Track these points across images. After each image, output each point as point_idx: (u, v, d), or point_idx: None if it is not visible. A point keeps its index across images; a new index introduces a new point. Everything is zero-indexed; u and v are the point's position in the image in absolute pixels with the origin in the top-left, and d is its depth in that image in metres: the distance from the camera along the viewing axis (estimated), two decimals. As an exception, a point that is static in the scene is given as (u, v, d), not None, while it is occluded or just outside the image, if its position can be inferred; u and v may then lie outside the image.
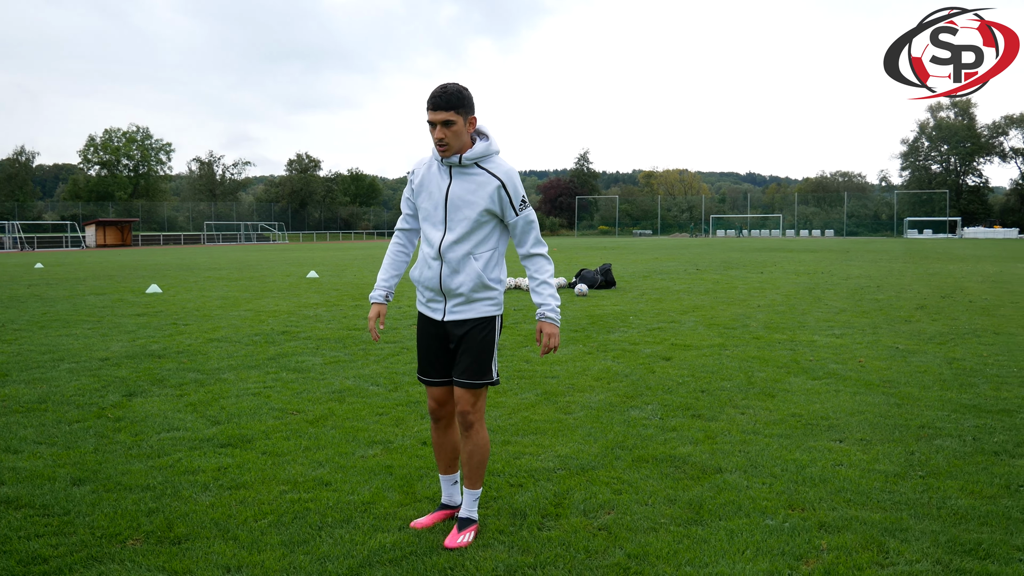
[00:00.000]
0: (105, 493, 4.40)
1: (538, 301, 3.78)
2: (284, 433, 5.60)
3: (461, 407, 3.83)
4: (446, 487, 4.13)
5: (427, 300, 3.86)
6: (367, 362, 8.33)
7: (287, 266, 27.94)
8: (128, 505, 4.22)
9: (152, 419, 5.98)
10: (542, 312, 3.76)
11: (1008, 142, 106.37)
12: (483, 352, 3.80)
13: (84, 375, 7.61)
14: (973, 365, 8.01)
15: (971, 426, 5.72)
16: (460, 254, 3.69)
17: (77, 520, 4.02)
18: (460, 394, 3.83)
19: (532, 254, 3.81)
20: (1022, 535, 3.79)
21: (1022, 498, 4.28)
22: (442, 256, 3.70)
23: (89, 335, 10.28)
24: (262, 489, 4.48)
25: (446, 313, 3.80)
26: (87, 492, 4.42)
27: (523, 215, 3.74)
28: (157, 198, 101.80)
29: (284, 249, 54.23)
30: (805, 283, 18.75)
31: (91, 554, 3.62)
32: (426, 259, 3.78)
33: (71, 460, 4.98)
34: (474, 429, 3.85)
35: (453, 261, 3.69)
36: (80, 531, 3.88)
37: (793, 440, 5.41)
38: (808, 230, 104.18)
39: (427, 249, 3.78)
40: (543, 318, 3.75)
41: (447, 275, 3.71)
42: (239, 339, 9.94)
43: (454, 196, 3.68)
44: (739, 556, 3.58)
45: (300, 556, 3.60)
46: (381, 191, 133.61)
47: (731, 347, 9.23)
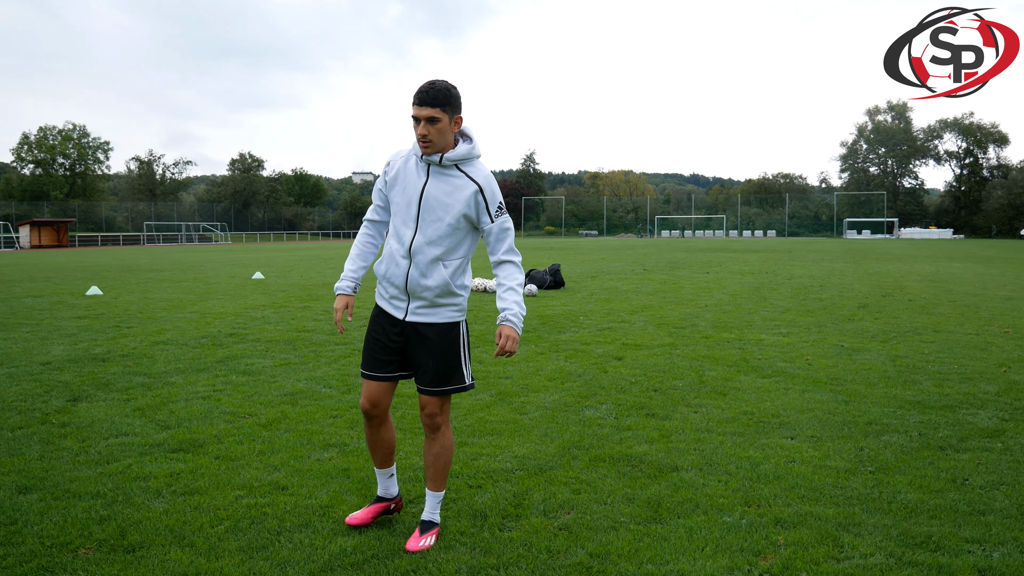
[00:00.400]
0: (53, 501, 4.29)
1: (502, 306, 3.71)
2: (237, 437, 5.52)
3: (428, 410, 3.80)
4: (382, 480, 4.08)
5: (390, 296, 3.79)
6: (318, 364, 8.25)
7: (231, 267, 27.53)
8: (78, 513, 4.12)
9: (99, 424, 5.85)
10: (504, 316, 3.68)
11: (943, 145, 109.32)
12: (451, 357, 3.77)
13: (25, 380, 7.41)
14: (915, 362, 8.20)
15: (916, 422, 5.85)
16: (430, 257, 3.64)
17: (25, 529, 3.91)
18: (428, 400, 3.79)
19: (504, 260, 3.73)
20: (970, 527, 3.89)
21: (968, 492, 4.40)
22: (411, 256, 3.65)
23: (28, 339, 10.01)
24: (217, 495, 4.40)
25: (408, 313, 3.75)
26: (34, 500, 4.30)
27: (499, 221, 3.68)
28: (94, 198, 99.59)
29: (227, 250, 53.43)
30: (750, 283, 19.03)
31: (41, 564, 3.53)
32: (394, 255, 3.71)
33: (15, 468, 4.84)
34: (440, 431, 3.83)
35: (422, 263, 3.65)
36: (28, 540, 3.78)
37: (746, 438, 5.48)
38: (751, 230, 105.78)
39: (396, 246, 3.71)
40: (504, 321, 3.68)
41: (415, 276, 3.66)
42: (185, 342, 9.77)
43: (429, 196, 3.62)
44: (699, 553, 3.62)
45: (259, 562, 3.55)
46: (326, 191, 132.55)
47: (681, 346, 9.33)
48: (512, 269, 3.74)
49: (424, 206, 3.63)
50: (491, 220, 3.67)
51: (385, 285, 3.80)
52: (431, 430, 3.83)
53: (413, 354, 3.80)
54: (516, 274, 3.74)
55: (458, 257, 3.71)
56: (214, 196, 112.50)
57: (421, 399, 3.82)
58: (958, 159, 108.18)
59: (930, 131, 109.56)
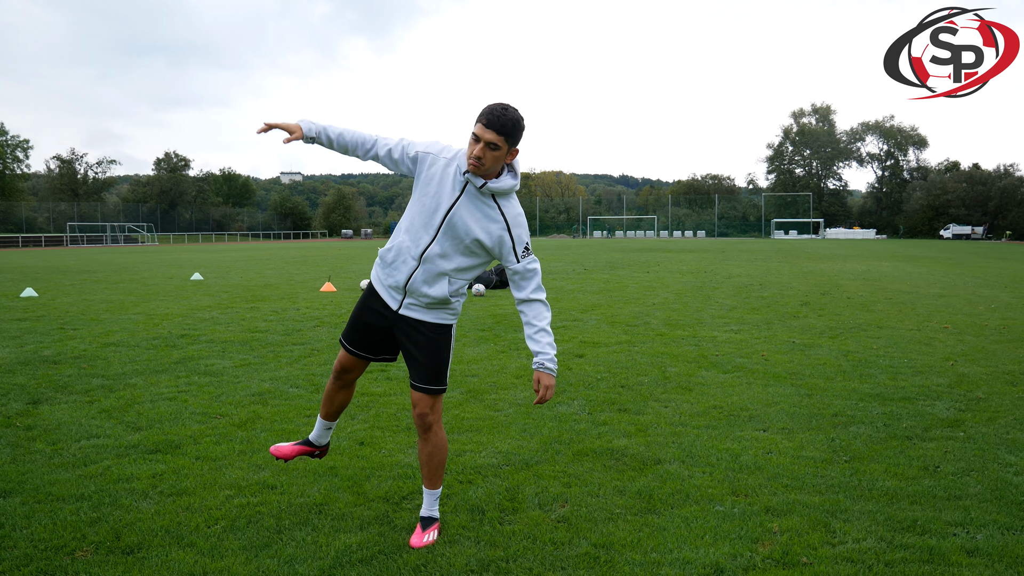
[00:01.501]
0: (36, 504, 4.19)
1: (536, 349, 3.60)
2: (213, 437, 5.45)
3: (420, 410, 3.77)
4: (320, 429, 4.19)
5: (387, 286, 3.72)
6: (279, 364, 8.16)
7: (166, 268, 26.95)
8: (66, 516, 4.03)
9: (67, 427, 5.71)
10: (540, 362, 3.57)
11: (865, 147, 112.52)
12: (441, 358, 3.77)
13: (-23, 383, 7.19)
14: (866, 357, 8.47)
15: (879, 413, 6.06)
16: (439, 269, 3.58)
17: (14, 533, 3.82)
18: (419, 398, 3.78)
19: (531, 299, 3.63)
20: (951, 511, 4.07)
21: (941, 478, 4.59)
22: (421, 261, 3.59)
23: (-30, 341, 9.69)
24: (206, 495, 4.35)
25: (402, 307, 3.71)
26: (17, 504, 4.19)
27: (524, 262, 3.58)
28: (14, 198, 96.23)
29: (156, 251, 52.26)
30: (691, 282, 19.35)
31: (40, 568, 3.45)
32: (404, 253, 3.63)
33: (-11, 471, 4.71)
34: (432, 431, 3.81)
35: (429, 272, 3.58)
36: (20, 544, 3.69)
37: (720, 431, 5.61)
38: (681, 231, 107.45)
39: (409, 244, 3.62)
40: (542, 368, 3.57)
41: (418, 280, 3.61)
42: (137, 343, 9.56)
43: (456, 215, 3.52)
44: (699, 541, 3.71)
45: (265, 560, 3.53)
46: (255, 192, 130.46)
47: (638, 343, 9.47)
48: (541, 308, 3.64)
49: (448, 222, 3.53)
50: (517, 260, 3.58)
51: (387, 272, 3.71)
52: (423, 430, 3.80)
53: (403, 345, 3.80)
54: (545, 313, 3.65)
55: (466, 277, 3.69)
56: (139, 196, 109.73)
57: (413, 397, 3.79)
58: (880, 161, 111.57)
59: (853, 134, 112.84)
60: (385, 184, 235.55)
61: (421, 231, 3.59)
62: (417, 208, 3.63)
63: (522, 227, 3.58)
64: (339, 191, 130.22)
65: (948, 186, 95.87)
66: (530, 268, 3.61)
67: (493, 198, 3.54)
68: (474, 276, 3.77)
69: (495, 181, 3.50)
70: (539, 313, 3.63)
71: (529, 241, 3.60)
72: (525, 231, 3.59)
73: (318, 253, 43.18)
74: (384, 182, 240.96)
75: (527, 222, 3.63)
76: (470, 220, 3.52)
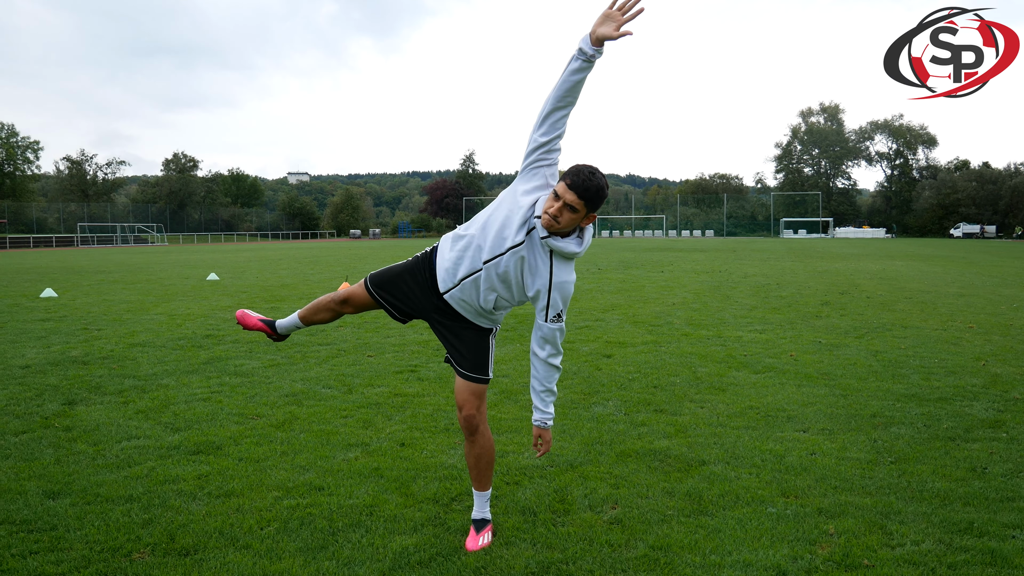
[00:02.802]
0: (86, 506, 4.19)
1: (541, 408, 3.65)
2: (253, 439, 5.44)
3: (467, 411, 3.73)
4: (290, 323, 4.28)
5: (446, 267, 3.65)
6: (308, 365, 8.16)
7: (181, 268, 27.00)
8: (118, 517, 4.03)
9: (105, 428, 5.71)
10: (543, 421, 3.65)
11: (874, 146, 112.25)
12: (481, 352, 3.76)
13: (10, 383, 7.20)
14: (896, 357, 8.43)
15: (917, 414, 6.03)
16: (491, 286, 3.55)
17: (68, 535, 3.82)
18: (465, 399, 3.74)
19: (546, 361, 3.62)
20: (1006, 513, 4.04)
21: (991, 479, 4.56)
22: (484, 268, 3.54)
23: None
24: (254, 496, 4.35)
25: (449, 294, 3.67)
26: (67, 505, 4.20)
27: (550, 326, 3.55)
28: (24, 198, 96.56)
29: (167, 251, 52.37)
30: (708, 281, 19.31)
31: (99, 570, 3.45)
32: (472, 248, 3.56)
33: (35, 472, 4.72)
34: (479, 432, 3.78)
35: (485, 283, 3.55)
36: (77, 546, 3.69)
37: (760, 432, 5.59)
38: (689, 230, 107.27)
39: (480, 244, 3.54)
40: (544, 426, 3.66)
41: (472, 283, 3.58)
42: (162, 344, 9.58)
43: (518, 257, 3.48)
44: (757, 543, 3.70)
45: (324, 562, 3.52)
46: (263, 192, 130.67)
47: (665, 344, 9.45)
48: (552, 372, 3.63)
49: (509, 256, 3.48)
50: (545, 320, 3.54)
51: (453, 256, 3.63)
52: (470, 432, 3.77)
53: (442, 331, 3.79)
54: (554, 375, 3.65)
55: (511, 304, 3.68)
56: (148, 197, 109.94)
57: (458, 399, 3.75)
58: (889, 160, 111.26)
59: (862, 133, 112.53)
60: (392, 184, 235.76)
61: (496, 241, 3.50)
62: (502, 215, 3.51)
63: (563, 295, 3.51)
64: (347, 191, 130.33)
65: (958, 185, 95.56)
66: (554, 333, 3.57)
67: (550, 255, 3.47)
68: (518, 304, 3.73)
69: (558, 240, 3.42)
70: (549, 375, 3.63)
71: (564, 310, 3.55)
72: (563, 300, 3.53)
73: (328, 253, 43.21)
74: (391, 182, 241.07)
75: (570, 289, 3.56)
76: (526, 266, 3.49)
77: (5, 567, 3.48)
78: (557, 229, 3.38)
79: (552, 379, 3.65)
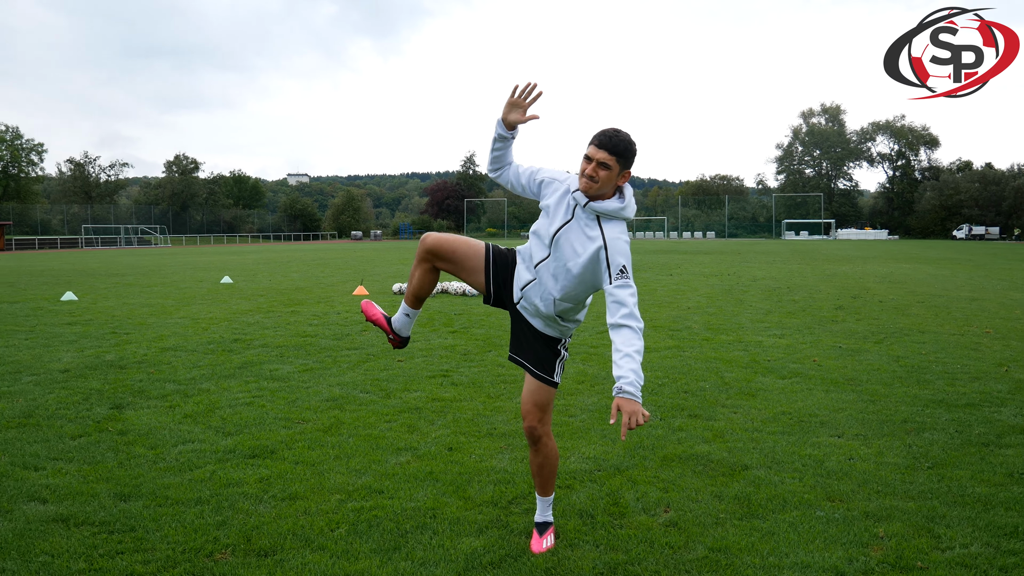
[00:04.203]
0: (158, 508, 4.35)
1: (617, 374, 3.34)
2: (304, 443, 5.60)
3: (529, 422, 3.83)
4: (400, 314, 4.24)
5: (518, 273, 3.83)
6: (341, 370, 8.32)
7: (192, 271, 27.16)
8: (192, 519, 4.19)
9: (158, 432, 5.87)
10: (619, 386, 3.29)
11: (875, 147, 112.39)
12: (547, 358, 3.85)
13: (54, 388, 7.36)
14: (918, 362, 8.59)
15: (948, 420, 6.19)
16: (546, 289, 3.68)
17: (149, 536, 3.98)
18: (529, 400, 3.84)
19: (619, 324, 3.44)
20: (1047, 517, 4.20)
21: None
22: (538, 273, 3.71)
23: (31, 346, 9.87)
24: (318, 499, 4.51)
25: (519, 304, 3.84)
26: (140, 508, 4.35)
27: (617, 284, 3.47)
28: (29, 200, 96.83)
29: (172, 253, 52.56)
30: (719, 285, 19.47)
31: (186, 570, 3.61)
32: (526, 258, 3.79)
33: (101, 476, 4.87)
34: (543, 442, 3.88)
35: (541, 288, 3.69)
36: (159, 547, 3.85)
37: (796, 437, 5.75)
38: (690, 232, 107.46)
39: (531, 253, 3.76)
40: (620, 392, 3.29)
41: (532, 291, 3.73)
42: (193, 348, 9.73)
43: (563, 236, 3.60)
44: (811, 546, 3.86)
45: (399, 562, 3.68)
46: (264, 194, 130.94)
47: (687, 349, 9.60)
48: (629, 334, 3.41)
49: (556, 242, 3.61)
50: (610, 281, 3.49)
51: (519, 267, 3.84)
52: (533, 442, 3.88)
53: (517, 328, 3.92)
54: (634, 340, 3.40)
55: (575, 301, 3.74)
56: (151, 198, 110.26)
57: (523, 408, 3.86)
58: (890, 161, 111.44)
59: (863, 134, 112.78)
60: (391, 185, 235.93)
61: (540, 245, 3.71)
62: (536, 226, 3.76)
63: (620, 252, 3.51)
64: (348, 192, 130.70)
65: (960, 186, 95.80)
66: (622, 292, 3.47)
67: (597, 219, 3.58)
68: (585, 301, 3.81)
69: (600, 203, 3.55)
70: (626, 339, 3.40)
71: (627, 265, 3.50)
72: (623, 255, 3.51)
73: (334, 255, 43.39)
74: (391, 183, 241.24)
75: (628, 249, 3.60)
76: (575, 244, 3.56)
77: (96, 566, 3.64)
78: (596, 190, 3.51)
79: (629, 342, 3.39)
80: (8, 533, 4.01)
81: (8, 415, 6.36)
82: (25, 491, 4.61)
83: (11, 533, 4.01)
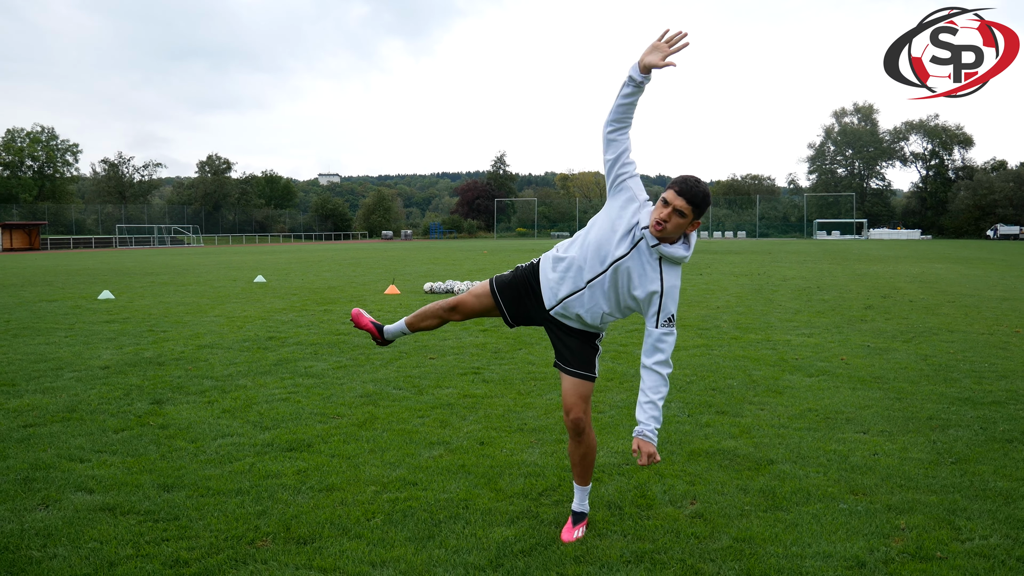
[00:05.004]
0: (200, 498, 4.53)
1: (641, 419, 3.69)
2: (340, 437, 5.77)
3: (574, 415, 3.96)
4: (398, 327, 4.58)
5: (550, 286, 3.90)
6: (374, 367, 8.49)
7: (225, 270, 27.56)
8: (233, 508, 4.36)
9: (198, 426, 6.06)
10: (641, 430, 3.67)
11: (908, 147, 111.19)
12: (588, 354, 3.98)
13: (95, 384, 7.59)
14: (946, 361, 8.62)
15: (973, 417, 6.24)
16: (594, 303, 3.77)
17: (192, 525, 4.15)
18: (573, 393, 3.95)
19: (652, 369, 3.71)
20: (1069, 512, 4.26)
21: (1051, 480, 4.78)
22: (590, 288, 3.77)
23: (71, 343, 10.14)
24: (354, 490, 4.66)
25: (554, 311, 3.92)
26: (183, 498, 4.53)
27: (662, 330, 3.68)
28: (64, 200, 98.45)
29: (205, 253, 53.21)
30: (748, 284, 19.49)
31: (230, 556, 3.77)
32: (574, 269, 3.81)
33: (145, 467, 5.06)
34: (585, 433, 4.02)
35: (590, 301, 3.77)
36: (203, 535, 4.02)
37: (822, 433, 5.83)
38: (721, 231, 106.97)
39: (581, 264, 3.79)
40: (642, 436, 3.67)
41: (575, 302, 3.81)
42: (229, 345, 9.96)
43: (623, 267, 3.67)
44: (834, 537, 3.95)
45: (434, 550, 3.82)
46: (296, 194, 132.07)
47: (716, 347, 9.68)
48: (659, 382, 3.71)
49: (615, 270, 3.69)
50: (656, 326, 3.69)
51: (555, 276, 3.88)
52: (576, 433, 4.01)
53: (551, 335, 4.03)
54: (662, 388, 3.72)
55: (621, 317, 3.90)
56: (184, 198, 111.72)
57: (566, 403, 3.98)
58: (924, 160, 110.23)
59: (896, 133, 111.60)
60: (422, 185, 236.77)
61: (595, 261, 3.74)
62: (596, 235, 3.77)
63: (673, 300, 3.68)
64: (379, 192, 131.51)
65: (995, 185, 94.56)
66: (665, 339, 3.69)
67: (659, 261, 3.67)
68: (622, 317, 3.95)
69: (668, 247, 3.63)
70: (655, 386, 3.71)
71: (675, 315, 3.71)
72: (675, 304, 3.69)
73: (365, 255, 43.76)
74: (421, 183, 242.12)
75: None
76: (634, 275, 3.66)
77: (143, 552, 3.82)
78: (666, 235, 3.59)
79: (657, 390, 3.71)
80: (58, 521, 4.20)
81: (52, 410, 6.58)
82: (72, 482, 4.81)
83: (60, 521, 4.20)
